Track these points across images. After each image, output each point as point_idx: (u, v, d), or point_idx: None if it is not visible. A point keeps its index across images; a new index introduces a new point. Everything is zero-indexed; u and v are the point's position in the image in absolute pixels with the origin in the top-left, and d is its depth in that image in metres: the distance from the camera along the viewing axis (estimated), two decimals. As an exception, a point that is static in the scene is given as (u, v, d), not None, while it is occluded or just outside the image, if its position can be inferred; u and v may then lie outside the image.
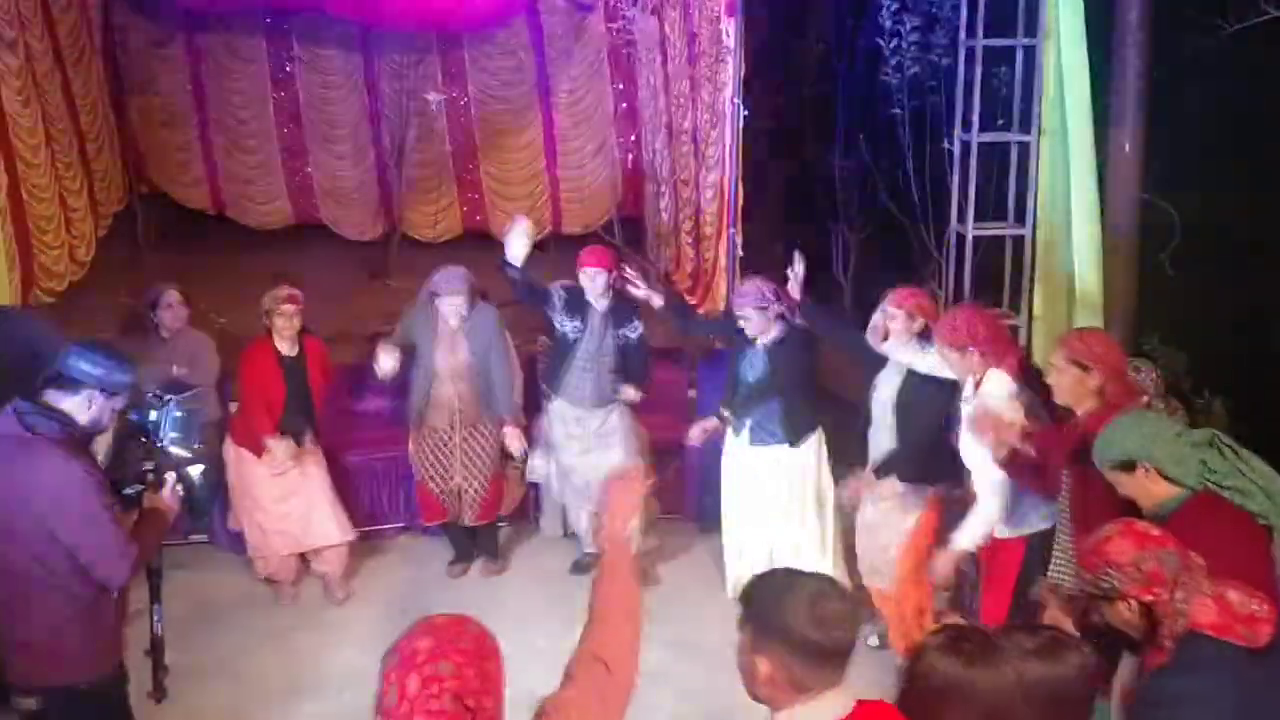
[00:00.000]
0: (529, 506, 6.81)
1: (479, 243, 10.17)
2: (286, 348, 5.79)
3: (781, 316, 5.46)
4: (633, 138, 10.93)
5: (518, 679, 2.14)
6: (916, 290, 5.09)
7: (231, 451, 5.87)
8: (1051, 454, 3.95)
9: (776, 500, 5.60)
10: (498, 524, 6.41)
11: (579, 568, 6.19)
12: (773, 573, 2.40)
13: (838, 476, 5.60)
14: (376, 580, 6.26)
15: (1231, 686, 2.44)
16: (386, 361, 5.74)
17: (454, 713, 1.94)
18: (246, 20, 10.50)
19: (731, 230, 7.55)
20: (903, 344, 4.90)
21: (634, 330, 5.91)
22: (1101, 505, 3.40)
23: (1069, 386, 3.84)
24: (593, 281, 5.78)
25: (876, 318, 4.99)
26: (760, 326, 5.45)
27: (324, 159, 10.95)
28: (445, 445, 5.98)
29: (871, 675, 2.92)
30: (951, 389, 4.62)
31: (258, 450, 5.74)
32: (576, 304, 5.87)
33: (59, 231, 8.28)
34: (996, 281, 6.50)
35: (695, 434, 5.84)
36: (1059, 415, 4.07)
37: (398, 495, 6.70)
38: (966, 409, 4.37)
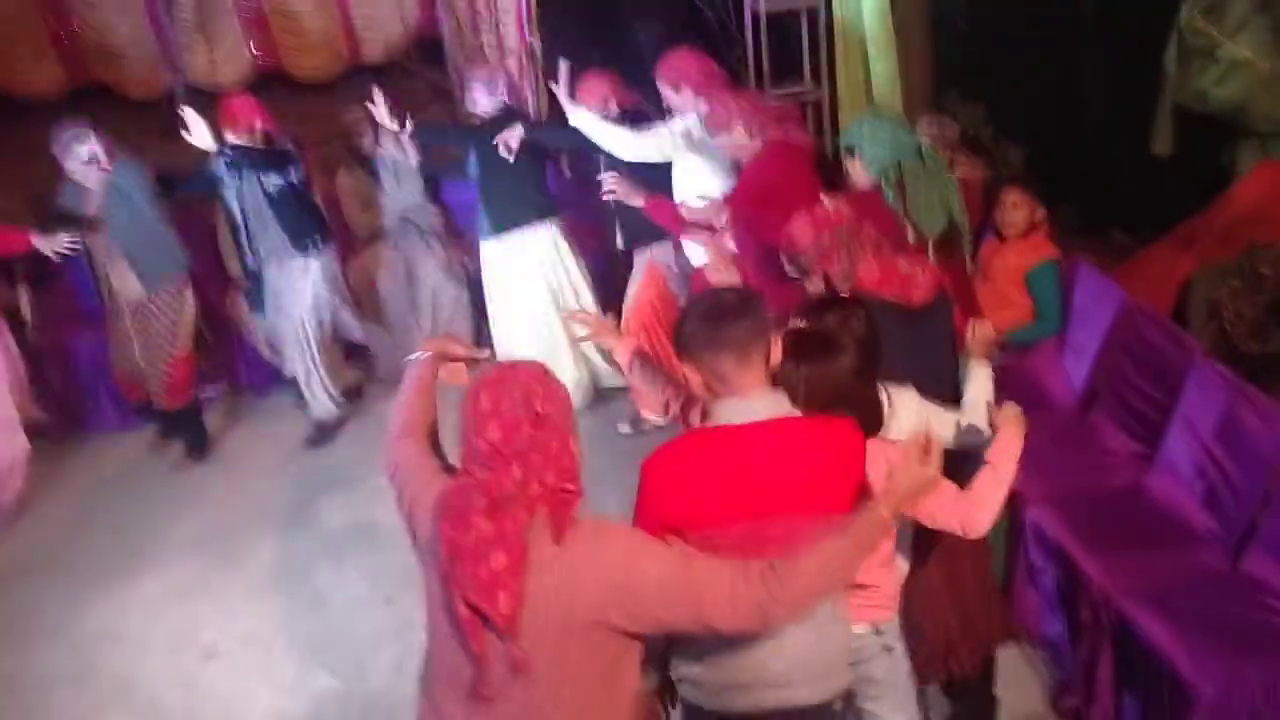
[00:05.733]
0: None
1: (274, 84, 9.59)
2: None
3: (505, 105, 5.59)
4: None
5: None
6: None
7: None
8: None
9: (534, 288, 5.64)
10: (197, 407, 5.96)
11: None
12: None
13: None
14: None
15: (884, 333, 2.76)
16: None
17: (525, 417, 2.02)
18: None
19: (531, 40, 7.33)
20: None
21: (273, 183, 5.46)
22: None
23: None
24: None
25: None
26: (486, 109, 5.46)
27: (90, 14, 10.11)
28: (120, 322, 5.54)
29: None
30: None
31: None
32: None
33: None
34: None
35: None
36: None
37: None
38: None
